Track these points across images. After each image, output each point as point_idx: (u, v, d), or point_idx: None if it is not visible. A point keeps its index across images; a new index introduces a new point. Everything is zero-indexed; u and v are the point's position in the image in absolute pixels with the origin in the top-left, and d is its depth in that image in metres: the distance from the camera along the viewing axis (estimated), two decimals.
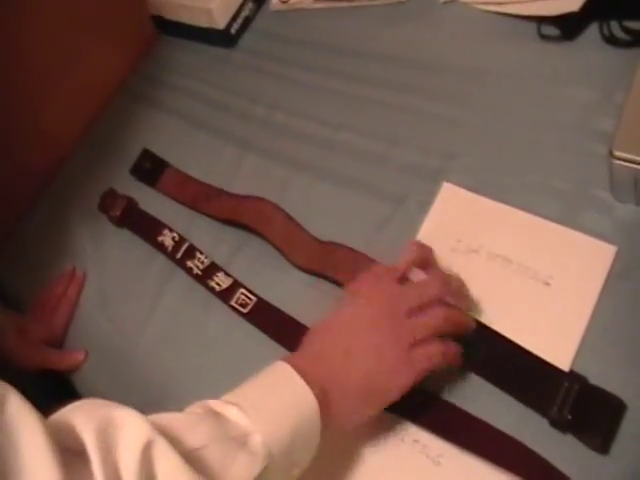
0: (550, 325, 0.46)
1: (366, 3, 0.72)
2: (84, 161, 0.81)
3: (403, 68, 0.66)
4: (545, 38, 0.59)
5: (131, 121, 0.81)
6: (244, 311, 0.57)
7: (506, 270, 0.49)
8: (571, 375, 0.44)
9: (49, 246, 0.75)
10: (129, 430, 0.34)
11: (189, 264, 0.63)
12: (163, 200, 0.71)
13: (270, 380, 0.41)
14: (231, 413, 0.38)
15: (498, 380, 0.45)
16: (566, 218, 0.50)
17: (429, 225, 0.54)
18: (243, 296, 0.58)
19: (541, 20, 0.59)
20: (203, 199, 0.68)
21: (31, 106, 0.75)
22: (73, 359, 0.65)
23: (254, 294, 0.58)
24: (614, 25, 0.56)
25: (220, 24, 0.77)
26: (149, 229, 0.68)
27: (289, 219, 0.61)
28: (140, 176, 0.74)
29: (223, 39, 0.79)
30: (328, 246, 0.57)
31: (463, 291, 0.48)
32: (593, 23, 0.57)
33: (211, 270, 0.61)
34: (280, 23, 0.79)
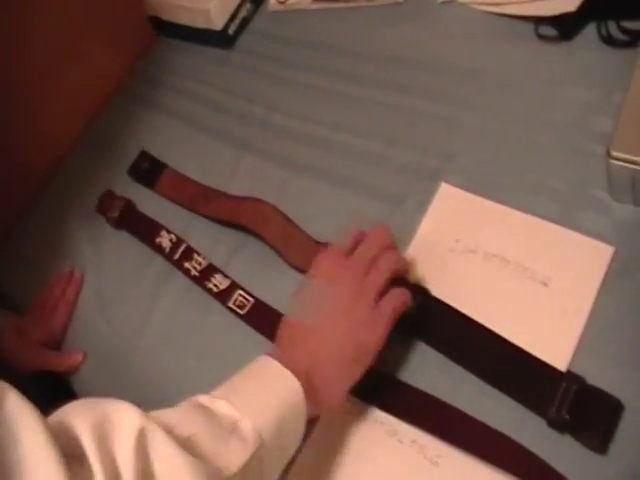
0: (548, 325, 0.46)
1: (364, 4, 0.72)
2: (82, 162, 0.81)
3: (401, 68, 0.66)
4: (543, 38, 0.59)
5: (129, 122, 0.81)
6: (242, 312, 0.57)
7: (504, 270, 0.49)
8: (569, 375, 0.43)
9: (47, 247, 0.75)
10: (123, 421, 0.35)
11: (187, 265, 0.63)
12: (161, 201, 0.71)
13: (254, 373, 0.43)
14: (219, 406, 0.39)
15: (496, 381, 0.45)
16: (564, 218, 0.50)
17: (427, 225, 0.54)
18: (241, 297, 0.58)
19: (539, 20, 0.59)
20: (201, 200, 0.68)
21: (29, 107, 0.75)
22: (71, 360, 0.65)
23: (252, 295, 0.58)
24: (611, 25, 0.56)
25: (217, 25, 0.77)
26: (147, 231, 0.68)
27: (287, 220, 0.60)
28: (138, 177, 0.74)
29: (221, 40, 0.79)
30: (326, 247, 0.57)
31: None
32: (590, 23, 0.57)
33: (209, 271, 0.61)
34: (278, 24, 0.79)
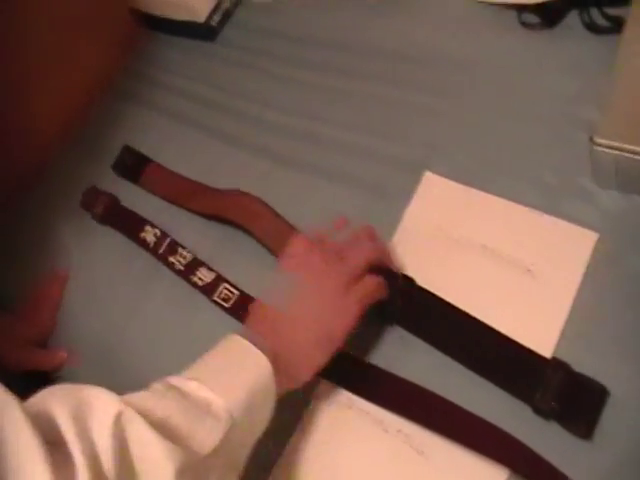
0: (532, 313, 0.46)
1: None
2: (68, 158, 0.80)
3: (385, 60, 0.66)
4: (526, 26, 0.59)
5: (115, 118, 0.80)
6: (226, 305, 0.57)
7: (488, 258, 0.49)
8: (554, 362, 0.43)
9: (32, 244, 0.75)
10: (100, 407, 0.36)
11: (171, 260, 0.62)
12: (146, 196, 0.71)
13: (224, 352, 0.44)
14: (192, 387, 0.40)
15: (481, 368, 0.45)
16: (548, 206, 0.50)
17: (411, 215, 0.54)
18: (226, 290, 0.58)
19: (521, 8, 0.59)
20: (187, 195, 0.67)
21: (14, 104, 0.74)
22: (58, 358, 0.65)
23: (237, 288, 0.58)
24: (594, 12, 0.56)
25: (200, 17, 0.76)
26: (131, 226, 0.68)
27: (276, 215, 0.60)
28: (122, 172, 0.73)
29: (204, 32, 0.78)
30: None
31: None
32: (573, 10, 0.57)
33: (194, 265, 0.61)
34: (262, 15, 0.78)
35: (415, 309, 0.49)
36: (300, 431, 0.49)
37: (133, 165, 0.73)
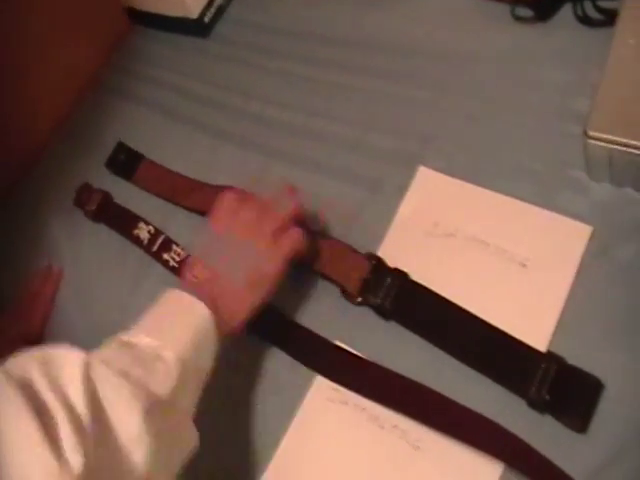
0: (527, 306, 0.46)
1: None
2: (59, 155, 0.80)
3: (378, 53, 0.65)
4: (519, 20, 0.59)
5: (106, 114, 0.80)
6: None
7: (483, 253, 0.49)
8: (548, 356, 0.43)
9: (25, 242, 0.74)
10: (68, 360, 0.39)
11: (165, 257, 0.62)
12: (140, 193, 0.70)
13: (166, 306, 0.47)
14: (142, 340, 0.43)
15: (476, 363, 0.45)
16: (542, 199, 0.50)
17: (405, 209, 0.54)
18: None
19: (515, 2, 0.59)
20: (181, 192, 0.67)
21: (3, 100, 0.73)
22: None
23: None
24: (587, 5, 0.55)
25: (193, 13, 0.76)
26: (125, 223, 0.67)
27: None
28: (115, 169, 0.73)
29: (197, 28, 0.78)
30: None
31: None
32: (566, 3, 0.57)
33: None
34: (255, 11, 0.78)
35: (409, 303, 0.49)
36: (295, 427, 0.49)
37: (127, 162, 0.72)
